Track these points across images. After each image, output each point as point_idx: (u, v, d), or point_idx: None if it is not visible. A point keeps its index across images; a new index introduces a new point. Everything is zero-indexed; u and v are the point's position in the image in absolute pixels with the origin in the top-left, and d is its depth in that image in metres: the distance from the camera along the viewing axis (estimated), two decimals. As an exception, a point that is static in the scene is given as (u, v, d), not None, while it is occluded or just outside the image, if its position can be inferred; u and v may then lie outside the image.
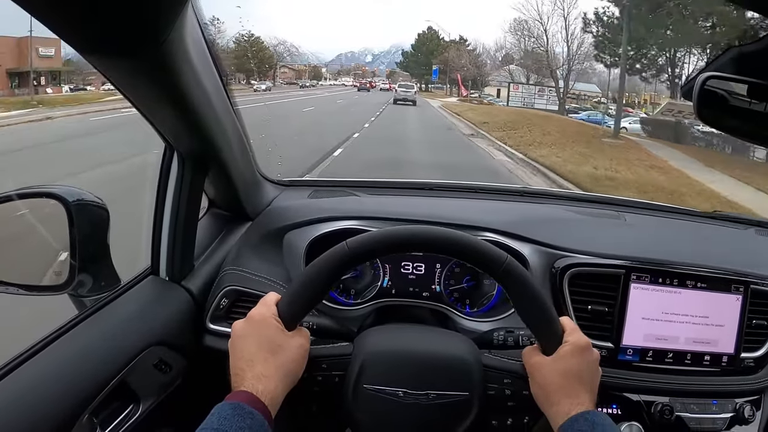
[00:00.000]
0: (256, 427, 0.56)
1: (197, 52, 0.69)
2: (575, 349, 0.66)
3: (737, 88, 0.68)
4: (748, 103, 0.68)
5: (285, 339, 0.64)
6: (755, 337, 0.95)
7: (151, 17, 0.53)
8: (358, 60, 60.44)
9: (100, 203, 0.88)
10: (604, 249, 0.95)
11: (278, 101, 19.63)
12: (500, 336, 0.82)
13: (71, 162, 5.82)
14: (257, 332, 0.64)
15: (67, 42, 0.53)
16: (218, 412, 0.56)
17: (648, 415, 0.91)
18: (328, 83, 47.64)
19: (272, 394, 0.60)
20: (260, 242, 0.99)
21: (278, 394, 0.61)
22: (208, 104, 0.75)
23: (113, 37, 0.54)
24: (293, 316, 0.65)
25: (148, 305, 0.85)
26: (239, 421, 0.55)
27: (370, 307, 0.96)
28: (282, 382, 0.62)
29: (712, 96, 0.66)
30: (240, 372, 0.62)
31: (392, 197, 1.24)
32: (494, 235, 0.97)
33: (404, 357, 0.69)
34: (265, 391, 0.59)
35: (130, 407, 0.78)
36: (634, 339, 0.91)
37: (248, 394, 0.58)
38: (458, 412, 0.67)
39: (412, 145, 10.23)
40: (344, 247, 0.65)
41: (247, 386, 0.59)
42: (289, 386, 0.63)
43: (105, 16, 0.49)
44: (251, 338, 0.64)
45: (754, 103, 0.68)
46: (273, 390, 0.60)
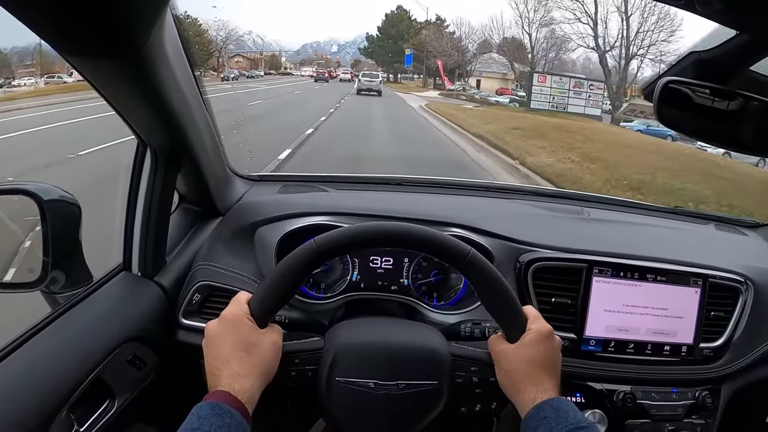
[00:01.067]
0: (234, 425, 0.57)
1: (174, 51, 0.70)
2: (539, 336, 0.69)
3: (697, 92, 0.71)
4: (709, 107, 0.71)
5: (258, 337, 0.65)
6: (713, 328, 1.00)
7: (133, 20, 0.54)
8: (323, 50, 58.06)
9: (72, 199, 0.88)
10: (568, 244, 0.98)
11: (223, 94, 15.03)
12: (467, 328, 0.85)
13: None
14: (231, 332, 0.65)
15: (49, 43, 0.54)
16: (197, 412, 0.57)
17: (610, 403, 0.95)
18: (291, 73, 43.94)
19: (249, 393, 0.61)
20: (232, 238, 1.00)
21: (255, 392, 0.62)
22: (183, 102, 0.77)
23: (95, 40, 0.55)
24: (265, 313, 0.67)
25: (121, 301, 0.86)
26: (218, 420, 0.56)
27: (340, 300, 0.98)
28: (258, 380, 0.63)
29: (672, 99, 0.69)
30: (216, 372, 0.63)
31: (362, 192, 1.26)
32: (460, 230, 0.99)
33: (374, 349, 0.71)
34: (242, 390, 0.61)
35: (106, 403, 0.78)
36: (596, 330, 0.94)
37: (226, 393, 0.60)
38: (428, 400, 0.69)
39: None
40: (312, 245, 0.67)
41: (224, 386, 0.61)
42: (264, 383, 0.65)
43: (88, 19, 0.51)
44: (225, 338, 0.65)
45: (716, 101, 0.72)
46: (249, 388, 0.61)
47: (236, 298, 0.69)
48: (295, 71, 44.71)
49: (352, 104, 17.37)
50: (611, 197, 1.38)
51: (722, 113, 0.72)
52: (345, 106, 16.10)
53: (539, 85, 18.89)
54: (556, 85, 18.82)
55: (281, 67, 45.26)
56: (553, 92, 18.67)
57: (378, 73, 28.01)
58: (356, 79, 30.03)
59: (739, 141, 0.75)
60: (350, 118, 13.35)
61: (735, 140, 0.75)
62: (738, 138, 0.74)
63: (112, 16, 0.51)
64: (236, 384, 0.61)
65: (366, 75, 25.46)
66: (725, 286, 1.00)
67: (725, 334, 1.00)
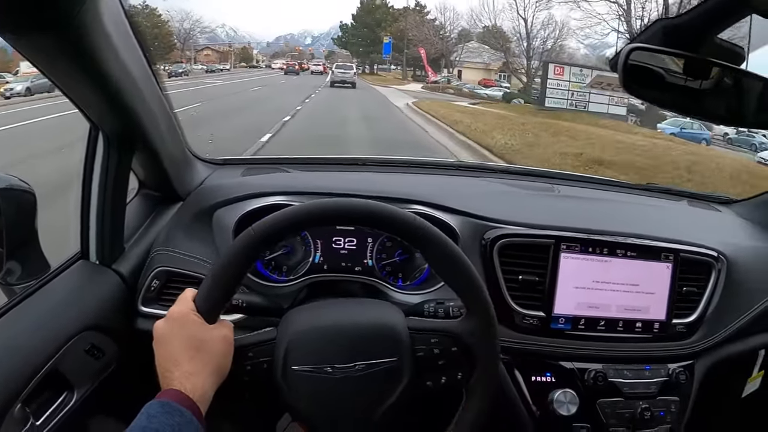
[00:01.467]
0: (185, 424, 0.56)
1: (115, 25, 0.67)
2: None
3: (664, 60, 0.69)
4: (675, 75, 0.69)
5: (207, 333, 0.64)
6: (686, 303, 0.98)
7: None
8: (297, 42, 56.84)
9: (26, 188, 0.86)
10: (535, 219, 0.97)
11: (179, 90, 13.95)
12: (430, 307, 0.83)
13: None
14: (179, 330, 0.64)
15: None
16: (147, 411, 0.57)
17: (581, 382, 0.93)
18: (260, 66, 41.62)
19: (201, 391, 0.60)
20: (191, 222, 0.98)
21: (207, 390, 0.61)
22: (130, 81, 0.74)
23: (24, 12, 0.52)
24: (211, 308, 0.65)
25: (78, 290, 0.84)
26: (168, 418, 0.56)
27: (302, 283, 0.96)
28: (210, 377, 0.62)
29: (636, 68, 0.67)
30: (167, 373, 0.62)
31: (325, 173, 1.23)
32: (422, 206, 0.97)
33: (328, 332, 0.69)
34: (193, 389, 0.60)
35: (64, 395, 0.77)
36: (565, 308, 0.93)
37: (176, 392, 0.59)
38: (390, 378, 0.67)
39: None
40: (250, 233, 0.65)
41: (176, 385, 0.60)
42: (218, 380, 0.64)
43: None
44: (174, 337, 0.63)
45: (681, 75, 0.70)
46: (201, 386, 0.60)
47: (182, 296, 0.68)
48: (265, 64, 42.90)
49: (321, 103, 14.09)
50: (584, 175, 1.36)
51: (688, 82, 0.70)
52: (311, 107, 12.73)
53: (556, 78, 15.41)
54: (575, 79, 15.22)
55: (252, 59, 43.63)
56: (572, 87, 15.33)
57: (352, 65, 26.19)
58: (330, 71, 28.26)
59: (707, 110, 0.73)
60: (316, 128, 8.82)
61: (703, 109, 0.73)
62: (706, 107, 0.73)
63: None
64: (188, 383, 0.60)
65: (339, 66, 24.01)
66: (697, 261, 0.99)
67: (698, 310, 0.99)
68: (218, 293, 0.65)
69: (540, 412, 0.92)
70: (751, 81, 0.67)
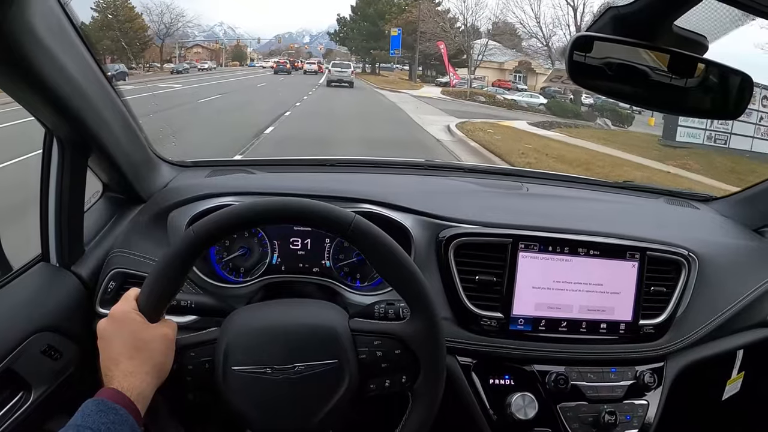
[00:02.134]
0: (119, 422, 0.57)
1: (52, 30, 0.67)
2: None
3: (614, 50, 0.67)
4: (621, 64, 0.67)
5: (147, 332, 0.65)
6: (654, 304, 0.95)
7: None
8: (296, 41, 56.13)
9: None
10: (492, 218, 0.94)
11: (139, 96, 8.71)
12: (381, 308, 0.82)
13: None
14: (120, 329, 0.64)
15: None
16: (83, 409, 0.58)
17: (542, 385, 0.91)
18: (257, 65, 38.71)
19: (139, 389, 0.61)
20: (149, 223, 0.98)
21: (146, 389, 0.62)
22: (73, 86, 0.74)
23: None
24: (153, 308, 0.65)
25: (36, 291, 0.85)
26: (102, 417, 0.56)
27: (258, 284, 0.95)
28: (149, 376, 0.63)
29: (584, 56, 0.65)
30: (108, 372, 0.62)
31: (288, 174, 1.23)
32: (373, 206, 0.96)
33: (267, 333, 0.69)
34: (130, 387, 0.60)
35: (20, 394, 0.77)
36: (524, 309, 0.90)
37: (113, 390, 0.60)
38: (330, 380, 0.66)
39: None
40: (190, 233, 0.65)
41: (114, 384, 0.61)
42: (158, 379, 0.64)
43: None
44: (115, 336, 0.64)
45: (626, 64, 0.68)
46: (139, 385, 0.61)
47: (126, 295, 0.68)
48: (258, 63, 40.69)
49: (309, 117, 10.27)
50: (557, 173, 1.33)
51: (636, 71, 0.68)
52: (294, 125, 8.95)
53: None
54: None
55: (246, 58, 41.98)
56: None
57: (349, 63, 24.04)
58: (326, 70, 26.69)
59: (654, 100, 0.71)
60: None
61: (650, 99, 0.71)
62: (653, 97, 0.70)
63: None
64: (125, 382, 0.61)
65: (336, 65, 22.53)
66: (666, 259, 0.96)
67: (667, 310, 0.95)
68: (159, 292, 0.65)
69: (497, 417, 0.90)
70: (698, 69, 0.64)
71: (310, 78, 24.89)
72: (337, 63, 23.31)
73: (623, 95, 0.72)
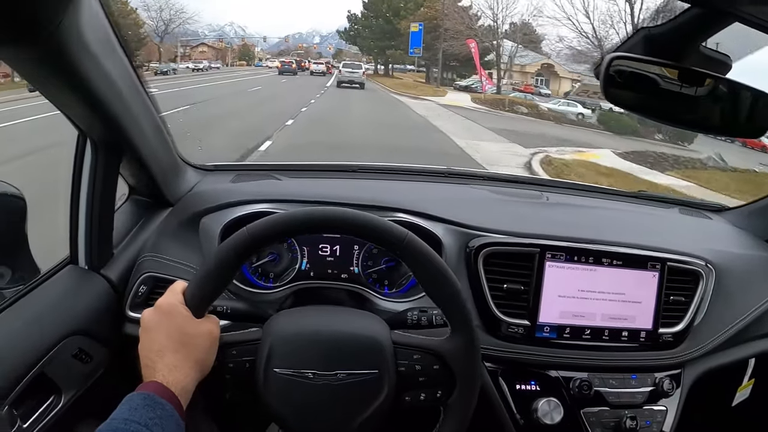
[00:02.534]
0: (165, 417, 0.56)
1: (97, 35, 0.68)
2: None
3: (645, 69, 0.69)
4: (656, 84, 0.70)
5: (194, 327, 0.64)
6: (673, 313, 0.98)
7: (40, 3, 0.53)
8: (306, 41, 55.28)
9: (16, 194, 0.88)
10: (520, 228, 0.96)
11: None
12: (414, 316, 0.83)
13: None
14: (166, 321, 0.64)
15: None
16: (128, 403, 0.57)
17: (566, 391, 0.93)
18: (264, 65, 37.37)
19: (182, 384, 0.60)
20: (178, 228, 0.99)
21: (189, 384, 0.61)
22: (114, 89, 0.75)
23: (2, 27, 0.53)
24: (200, 303, 0.66)
25: (66, 295, 0.85)
26: (149, 411, 0.56)
27: (289, 289, 0.96)
28: (193, 371, 0.62)
29: (618, 76, 0.67)
30: (150, 363, 0.62)
31: (313, 180, 1.24)
32: (406, 215, 0.97)
33: (312, 338, 0.70)
34: (175, 382, 0.60)
35: (52, 398, 0.78)
36: (550, 316, 0.93)
37: (158, 384, 0.59)
38: (369, 390, 0.68)
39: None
40: (244, 233, 0.66)
41: (158, 377, 0.60)
42: (200, 375, 0.64)
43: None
44: (160, 328, 0.64)
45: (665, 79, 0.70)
46: (183, 380, 0.61)
47: (172, 288, 0.68)
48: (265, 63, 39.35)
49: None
50: (574, 182, 1.36)
51: (670, 90, 0.70)
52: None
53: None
54: None
55: (254, 57, 40.96)
56: None
57: (360, 64, 22.93)
58: (334, 70, 26.50)
59: (686, 118, 0.73)
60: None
61: (681, 118, 0.73)
62: (685, 115, 0.72)
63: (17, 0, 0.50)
64: (170, 376, 0.60)
65: (347, 66, 21.69)
66: (685, 270, 0.98)
67: (686, 319, 0.98)
68: (208, 288, 0.66)
69: (524, 421, 0.92)
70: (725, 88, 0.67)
71: (316, 80, 22.68)
72: (348, 63, 22.38)
73: (655, 113, 0.74)
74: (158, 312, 0.65)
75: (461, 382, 0.68)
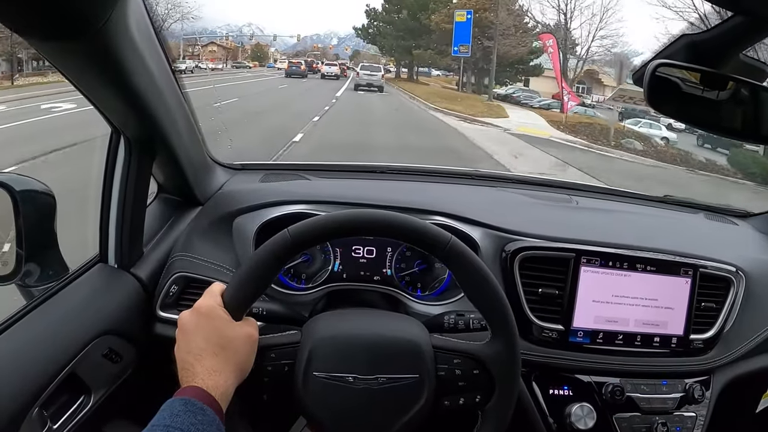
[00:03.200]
0: (207, 422, 0.55)
1: (141, 34, 0.67)
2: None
3: (688, 76, 0.69)
4: (700, 90, 0.70)
5: (233, 330, 0.63)
6: (704, 319, 0.98)
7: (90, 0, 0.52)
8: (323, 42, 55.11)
9: (46, 191, 0.86)
10: (555, 232, 0.96)
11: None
12: (451, 319, 0.83)
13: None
14: (205, 324, 0.62)
15: (8, 26, 0.52)
16: (169, 408, 0.55)
17: (599, 396, 0.93)
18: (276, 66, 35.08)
19: (223, 389, 0.59)
20: (210, 227, 0.98)
21: (229, 388, 0.60)
22: (154, 88, 0.74)
23: (52, 21, 0.52)
24: (240, 305, 0.65)
25: (96, 293, 0.84)
26: (191, 417, 0.54)
27: (321, 291, 0.96)
28: (232, 375, 0.61)
29: (662, 83, 0.67)
30: (189, 367, 0.60)
31: (344, 180, 1.23)
32: (443, 218, 0.97)
33: (353, 342, 0.69)
34: (215, 386, 0.58)
35: (81, 399, 0.77)
36: (584, 321, 0.92)
37: (199, 389, 0.57)
38: (410, 394, 0.67)
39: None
40: (286, 234, 0.65)
41: (198, 382, 0.58)
42: (239, 379, 0.63)
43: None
44: (199, 331, 0.62)
45: (705, 91, 0.70)
46: (223, 384, 0.59)
47: (210, 290, 0.66)
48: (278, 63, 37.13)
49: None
50: (599, 186, 1.37)
51: (709, 101, 0.70)
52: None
53: None
54: None
55: (268, 58, 39.33)
56: None
57: (379, 66, 21.12)
58: (350, 72, 25.04)
59: (729, 126, 0.73)
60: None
61: (725, 125, 0.73)
62: (728, 123, 0.73)
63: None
64: (210, 380, 0.59)
65: (365, 68, 19.78)
66: (716, 276, 0.98)
67: (716, 326, 0.98)
68: (248, 290, 0.65)
69: (557, 426, 0.92)
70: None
71: (327, 84, 18.44)
72: (366, 65, 20.22)
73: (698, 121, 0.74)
74: (197, 314, 0.63)
75: (500, 387, 0.68)
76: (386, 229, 0.67)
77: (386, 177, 1.25)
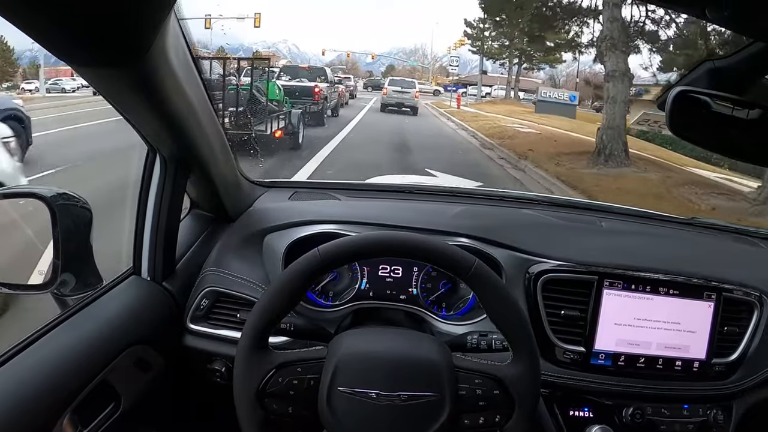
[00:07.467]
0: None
1: (180, 59, 0.70)
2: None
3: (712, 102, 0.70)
4: (730, 110, 0.70)
5: None
6: (727, 343, 0.97)
7: (135, 29, 0.54)
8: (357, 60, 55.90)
9: (83, 203, 0.89)
10: (579, 255, 0.97)
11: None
12: (474, 339, 0.84)
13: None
14: None
15: (54, 54, 0.54)
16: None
17: (619, 419, 0.93)
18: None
19: None
20: (241, 244, 1.00)
21: None
22: (190, 110, 0.77)
23: (98, 50, 0.55)
24: (266, 326, 0.68)
25: (129, 305, 0.87)
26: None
27: (348, 309, 0.97)
28: None
29: (685, 109, 0.68)
30: None
31: (372, 201, 1.25)
32: (468, 240, 0.98)
33: (377, 359, 0.71)
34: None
35: (111, 405, 0.79)
36: (606, 344, 0.93)
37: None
38: (430, 412, 0.68)
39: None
40: (316, 254, 0.68)
41: None
42: None
43: (90, 29, 0.51)
44: None
45: (735, 109, 0.70)
46: None
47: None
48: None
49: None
50: (627, 207, 1.36)
51: (737, 124, 0.70)
52: None
53: None
54: None
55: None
56: None
57: (413, 81, 17.51)
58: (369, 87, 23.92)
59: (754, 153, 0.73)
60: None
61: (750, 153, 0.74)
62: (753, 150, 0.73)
63: (114, 27, 0.51)
64: None
65: (395, 83, 16.26)
66: (740, 300, 0.98)
67: (739, 350, 0.97)
68: (275, 309, 0.68)
69: None
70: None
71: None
72: (397, 80, 17.14)
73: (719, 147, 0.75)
74: None
75: (520, 408, 0.69)
76: (413, 252, 0.69)
77: (412, 197, 1.27)
